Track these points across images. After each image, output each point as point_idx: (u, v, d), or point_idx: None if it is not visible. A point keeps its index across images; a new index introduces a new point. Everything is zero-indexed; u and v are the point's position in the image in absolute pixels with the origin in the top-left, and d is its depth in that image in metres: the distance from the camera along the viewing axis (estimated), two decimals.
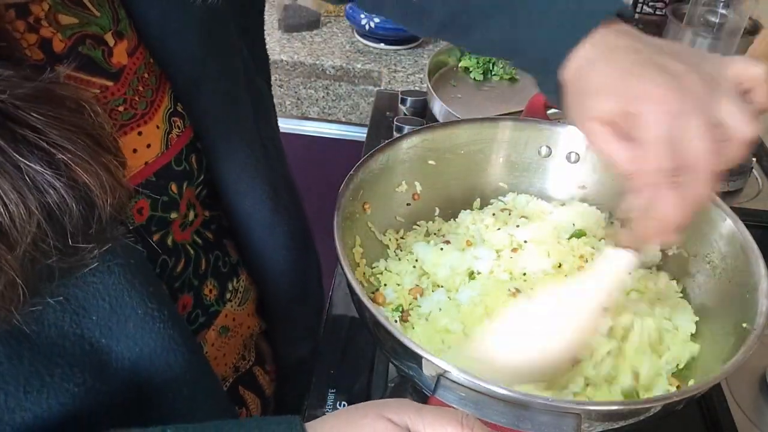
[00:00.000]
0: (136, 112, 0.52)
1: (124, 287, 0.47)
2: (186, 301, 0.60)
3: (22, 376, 0.44)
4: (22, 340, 0.43)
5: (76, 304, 0.45)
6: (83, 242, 0.40)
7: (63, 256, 0.40)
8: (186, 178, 0.58)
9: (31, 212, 0.37)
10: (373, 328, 0.59)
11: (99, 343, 0.47)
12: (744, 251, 0.66)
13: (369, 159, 0.73)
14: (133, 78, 0.52)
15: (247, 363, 0.72)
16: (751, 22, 1.34)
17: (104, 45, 0.49)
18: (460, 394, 0.52)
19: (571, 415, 0.51)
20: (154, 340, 0.50)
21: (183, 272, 0.59)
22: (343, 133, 1.53)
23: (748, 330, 0.60)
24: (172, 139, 0.55)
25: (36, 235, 0.37)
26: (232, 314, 0.66)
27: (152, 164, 0.54)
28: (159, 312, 0.50)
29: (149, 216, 0.54)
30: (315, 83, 1.47)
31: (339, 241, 0.63)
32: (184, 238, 0.59)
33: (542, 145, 0.82)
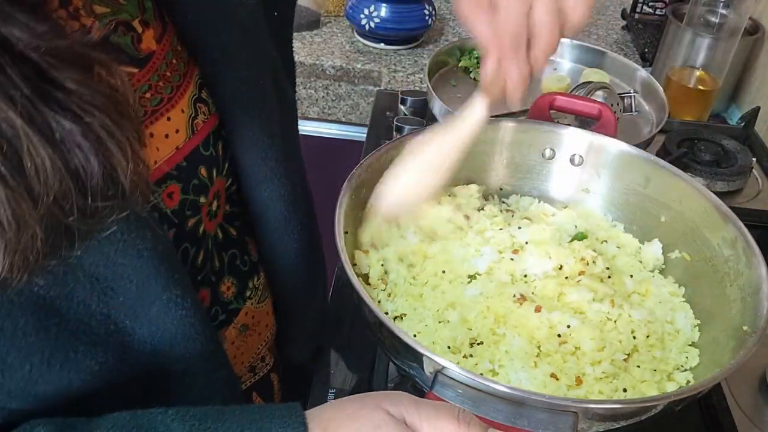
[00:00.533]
0: (162, 96, 0.53)
1: (151, 272, 0.48)
2: (203, 296, 0.60)
3: (48, 349, 0.45)
4: (51, 314, 0.44)
5: (105, 284, 0.46)
6: (103, 204, 0.41)
7: (83, 217, 0.41)
8: (213, 164, 0.58)
9: (57, 169, 0.38)
10: (372, 325, 0.59)
11: (123, 324, 0.48)
12: (746, 254, 0.66)
13: (372, 157, 0.73)
14: (162, 63, 0.53)
15: (265, 366, 0.72)
16: (751, 22, 1.34)
17: (133, 31, 0.51)
18: (457, 391, 0.52)
19: (568, 414, 0.51)
20: (176, 327, 0.51)
21: (204, 265, 0.60)
22: (343, 133, 1.52)
23: (749, 333, 0.60)
24: (198, 125, 0.56)
25: (59, 191, 0.38)
26: (252, 312, 0.67)
27: (182, 148, 0.55)
28: (182, 299, 0.50)
29: (181, 199, 0.55)
30: (315, 83, 1.47)
31: (339, 237, 0.63)
32: (209, 229, 0.60)
33: (546, 147, 0.82)
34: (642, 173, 0.78)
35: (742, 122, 1.26)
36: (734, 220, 0.69)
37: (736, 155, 1.16)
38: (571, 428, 0.51)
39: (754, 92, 1.36)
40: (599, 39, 1.60)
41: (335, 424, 0.45)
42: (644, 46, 1.51)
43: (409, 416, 0.45)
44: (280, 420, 0.45)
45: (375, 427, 0.44)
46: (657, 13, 1.63)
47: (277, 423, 0.45)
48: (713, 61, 1.30)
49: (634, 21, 1.62)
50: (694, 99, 1.33)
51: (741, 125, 1.26)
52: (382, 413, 0.44)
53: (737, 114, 1.36)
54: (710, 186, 1.08)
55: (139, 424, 0.44)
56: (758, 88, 1.35)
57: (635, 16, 1.63)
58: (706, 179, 1.10)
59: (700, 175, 1.10)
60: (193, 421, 0.45)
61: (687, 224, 0.74)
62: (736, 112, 1.39)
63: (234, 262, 0.64)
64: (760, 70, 1.35)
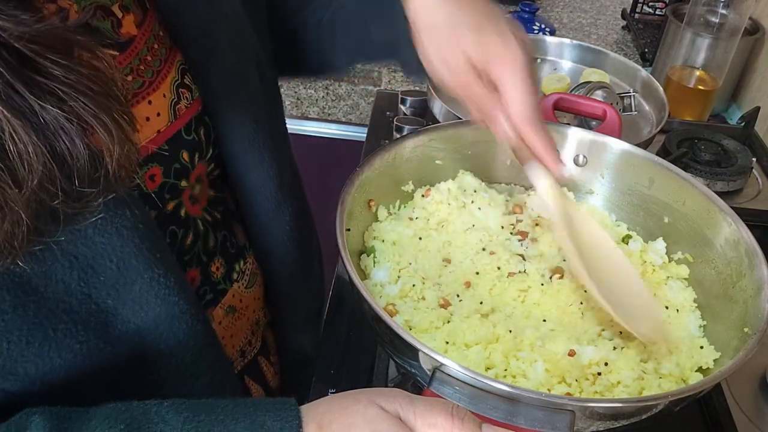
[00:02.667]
0: (144, 80, 0.53)
1: (132, 251, 0.48)
2: (193, 276, 0.61)
3: (26, 326, 0.45)
4: (29, 291, 0.44)
5: (84, 263, 0.46)
6: (89, 187, 0.41)
7: (68, 200, 0.41)
8: (196, 149, 0.58)
9: (41, 153, 0.38)
10: (372, 322, 0.59)
11: (105, 303, 0.48)
12: (748, 256, 0.66)
13: (374, 156, 0.73)
14: (143, 48, 0.53)
15: (252, 349, 0.72)
16: (751, 22, 1.34)
17: (112, 16, 0.50)
18: (455, 388, 0.52)
19: (565, 412, 0.51)
20: (159, 306, 0.51)
21: (193, 246, 0.60)
22: (343, 133, 1.52)
23: (750, 334, 0.60)
24: (180, 110, 0.56)
25: (43, 175, 0.38)
26: (239, 295, 0.67)
27: (164, 132, 0.55)
28: (165, 278, 0.50)
29: (162, 183, 0.55)
30: (315, 83, 1.47)
31: (340, 235, 0.63)
32: (196, 212, 0.60)
33: None
34: (646, 174, 0.77)
35: (742, 122, 1.26)
36: (737, 223, 0.69)
37: (736, 155, 1.16)
38: (568, 427, 0.51)
39: (754, 92, 1.36)
40: (599, 39, 1.60)
41: (329, 418, 0.45)
42: (644, 46, 1.51)
43: (403, 412, 0.45)
44: (274, 413, 0.45)
45: (369, 422, 0.44)
46: (657, 13, 1.63)
47: (271, 416, 0.45)
48: (713, 61, 1.30)
49: (634, 21, 1.62)
50: (694, 99, 1.33)
51: (741, 125, 1.26)
52: (376, 409, 0.44)
53: (737, 114, 1.36)
54: (710, 186, 1.08)
55: (134, 416, 0.44)
56: (758, 87, 1.35)
57: (635, 16, 1.63)
58: (706, 179, 1.10)
59: (700, 175, 1.10)
60: (187, 412, 0.45)
61: (690, 225, 0.74)
62: (736, 112, 1.39)
63: (225, 243, 0.64)
64: (760, 70, 1.35)
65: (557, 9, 1.73)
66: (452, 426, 0.44)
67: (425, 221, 0.76)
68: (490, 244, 0.73)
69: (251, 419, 0.45)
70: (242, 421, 0.45)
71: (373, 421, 0.44)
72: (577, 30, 1.63)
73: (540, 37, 1.38)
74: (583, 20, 1.68)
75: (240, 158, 0.61)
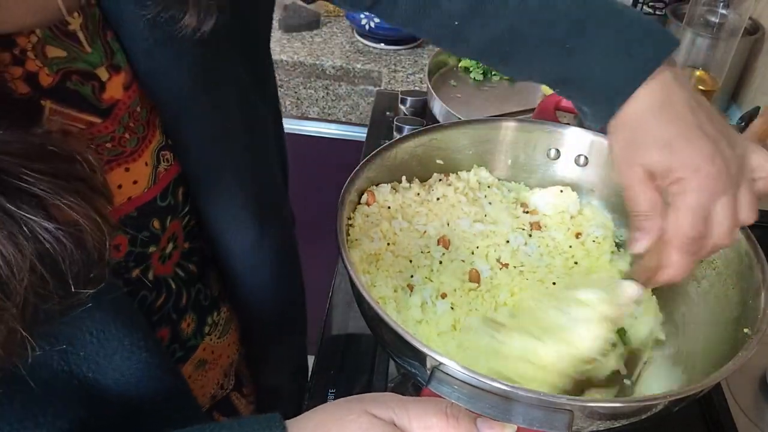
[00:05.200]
0: (124, 149, 0.51)
1: (111, 320, 0.47)
2: (162, 335, 0.60)
3: (15, 418, 0.44)
4: (14, 382, 0.43)
5: (65, 341, 0.45)
6: (83, 285, 0.40)
7: (62, 300, 0.40)
8: (170, 212, 0.57)
9: (27, 260, 0.36)
10: (371, 321, 0.59)
11: (86, 377, 0.47)
12: (748, 257, 0.66)
13: (375, 156, 0.73)
14: (125, 114, 0.50)
15: (225, 391, 0.72)
16: (751, 22, 1.34)
17: (95, 80, 0.48)
18: (454, 387, 0.52)
19: (564, 412, 0.51)
20: (141, 370, 0.50)
21: (163, 306, 0.59)
22: (343, 133, 1.53)
23: (749, 335, 0.60)
24: (160, 174, 0.55)
25: (34, 282, 0.37)
26: (210, 347, 0.66)
27: (135, 200, 0.53)
28: (144, 341, 0.50)
29: (127, 251, 0.54)
30: (315, 83, 1.47)
31: (341, 235, 0.63)
32: (166, 271, 0.58)
33: (551, 147, 0.82)
34: None
35: (742, 122, 1.26)
36: None
37: None
38: (566, 426, 0.51)
39: (754, 92, 1.36)
40: None
41: (321, 430, 0.44)
42: None
43: (397, 418, 0.44)
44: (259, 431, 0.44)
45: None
46: (657, 13, 1.63)
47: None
48: (713, 61, 1.29)
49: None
50: None
51: (741, 125, 1.26)
52: (369, 417, 0.43)
53: (737, 114, 1.36)
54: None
55: None
56: (758, 88, 1.35)
57: None
58: None
59: None
60: None
61: None
62: (736, 112, 1.39)
63: (198, 297, 0.63)
64: (760, 70, 1.35)
65: None
66: (447, 425, 0.43)
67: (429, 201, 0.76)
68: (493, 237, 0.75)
69: None
70: None
71: (368, 430, 0.43)
72: None
73: None
74: None
75: (214, 216, 0.59)
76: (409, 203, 0.73)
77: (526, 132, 0.81)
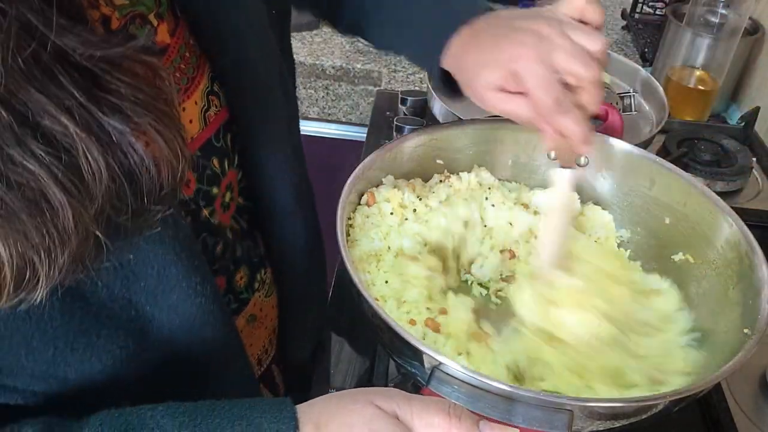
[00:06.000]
0: (179, 87, 0.53)
1: (172, 258, 0.48)
2: (219, 283, 0.61)
3: (72, 333, 0.45)
4: (76, 297, 0.44)
5: (128, 269, 0.47)
6: (153, 204, 0.42)
7: (133, 215, 0.41)
8: (225, 155, 0.59)
9: (113, 170, 0.38)
10: (371, 321, 0.59)
11: (144, 309, 0.49)
12: (748, 257, 0.66)
13: (375, 156, 0.73)
14: (176, 56, 0.53)
15: (268, 357, 0.72)
16: (751, 22, 1.34)
17: (149, 24, 0.51)
18: (453, 387, 0.52)
19: (564, 411, 0.51)
20: (194, 314, 0.51)
21: (222, 255, 0.60)
22: (343, 133, 1.53)
23: (749, 335, 0.60)
24: (210, 117, 0.57)
25: (114, 192, 0.39)
26: (260, 304, 0.67)
27: (196, 140, 0.55)
28: (202, 286, 0.51)
29: (196, 189, 0.56)
30: (315, 83, 1.47)
31: (341, 233, 0.63)
32: (225, 221, 0.60)
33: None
34: (647, 175, 0.77)
35: (742, 122, 1.26)
36: (738, 224, 0.69)
37: (736, 155, 1.16)
38: (566, 426, 0.51)
39: (754, 92, 1.36)
40: None
41: (327, 417, 0.45)
42: (644, 46, 1.51)
43: (401, 411, 0.45)
44: (270, 414, 0.45)
45: (366, 422, 0.44)
46: (657, 13, 1.63)
47: (267, 418, 0.45)
48: (713, 61, 1.30)
49: (634, 21, 1.62)
50: (694, 99, 1.33)
51: (741, 125, 1.26)
52: (374, 408, 0.44)
53: (737, 114, 1.36)
54: (710, 186, 1.07)
55: (129, 422, 0.44)
56: (758, 88, 1.35)
57: (635, 16, 1.63)
58: (706, 179, 1.10)
59: (700, 175, 1.10)
60: (183, 417, 0.45)
61: (691, 226, 0.74)
62: (736, 112, 1.39)
63: (249, 252, 0.65)
64: (760, 70, 1.35)
65: None
66: (449, 425, 0.44)
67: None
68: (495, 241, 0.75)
69: (247, 421, 0.45)
70: (238, 424, 0.45)
71: (371, 420, 0.44)
72: None
73: None
74: None
75: (263, 168, 0.62)
76: (409, 204, 0.73)
77: (527, 132, 0.81)
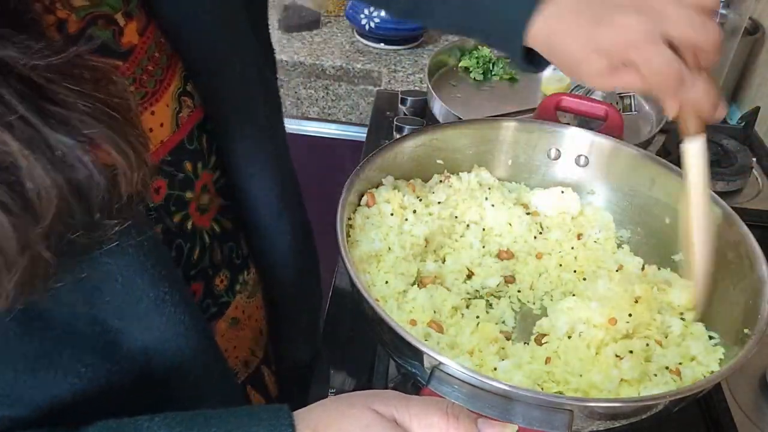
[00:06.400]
0: (146, 90, 0.52)
1: (137, 269, 0.47)
2: (196, 289, 0.60)
3: (32, 354, 0.44)
4: (34, 319, 0.43)
5: (90, 285, 0.45)
6: (108, 218, 0.40)
7: (87, 231, 0.40)
8: (199, 157, 0.58)
9: (59, 187, 0.36)
10: (371, 322, 0.59)
11: (110, 324, 0.47)
12: (748, 256, 0.66)
13: (375, 156, 0.73)
14: (144, 57, 0.52)
15: (256, 359, 0.72)
16: (751, 22, 1.34)
17: (114, 25, 0.49)
18: (453, 387, 0.52)
19: (564, 411, 0.51)
20: (165, 324, 0.50)
21: (200, 260, 0.59)
22: (343, 133, 1.53)
23: (749, 335, 0.60)
24: (182, 119, 0.56)
25: (62, 209, 0.37)
26: (242, 306, 0.67)
27: (167, 143, 0.54)
28: (170, 296, 0.50)
29: (167, 194, 0.55)
30: (315, 83, 1.47)
31: (341, 233, 0.63)
32: (203, 224, 0.59)
33: (551, 147, 0.82)
34: (647, 175, 0.77)
35: (742, 122, 1.26)
36: (738, 224, 0.69)
37: (736, 155, 1.16)
38: (566, 426, 0.51)
39: (754, 92, 1.36)
40: None
41: (324, 424, 0.45)
42: None
43: (399, 414, 0.44)
44: (267, 423, 0.44)
45: (364, 427, 0.44)
46: None
47: (264, 426, 0.44)
48: None
49: None
50: None
51: (741, 125, 1.26)
52: (371, 413, 0.44)
53: (737, 114, 1.36)
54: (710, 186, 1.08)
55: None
56: (758, 88, 1.35)
57: None
58: None
59: None
60: (180, 427, 0.44)
61: None
62: (736, 112, 1.39)
63: (231, 254, 0.64)
64: (760, 70, 1.35)
65: None
66: (448, 425, 0.44)
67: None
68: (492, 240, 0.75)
69: (244, 431, 0.44)
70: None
71: (369, 425, 0.44)
72: None
73: None
74: None
75: (242, 166, 0.61)
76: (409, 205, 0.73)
77: (527, 132, 0.81)
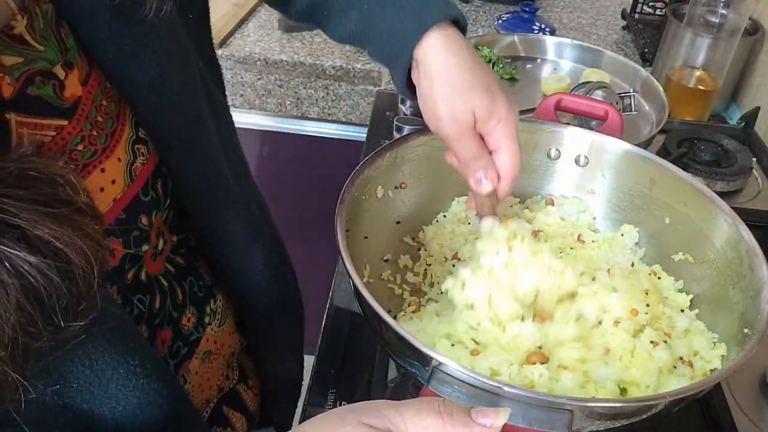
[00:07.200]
0: (96, 147, 0.49)
1: (105, 349, 0.46)
2: (165, 336, 0.59)
3: None
4: (5, 423, 0.41)
5: (57, 375, 0.44)
6: (73, 319, 0.38)
7: (53, 335, 0.37)
8: (154, 207, 0.56)
9: (13, 298, 0.34)
10: (371, 321, 0.59)
11: (81, 408, 0.46)
12: (748, 256, 0.66)
13: (375, 156, 0.73)
14: (91, 108, 0.49)
15: (231, 382, 0.71)
16: (751, 22, 1.34)
17: (54, 79, 0.46)
18: (453, 387, 0.52)
19: (564, 411, 0.51)
20: (138, 397, 0.49)
21: (162, 307, 0.58)
22: (343, 133, 1.52)
23: (749, 335, 0.60)
24: (137, 169, 0.53)
25: (22, 320, 0.35)
26: (213, 337, 0.66)
27: (120, 200, 0.51)
28: (141, 367, 0.48)
29: (122, 255, 0.52)
30: (315, 83, 1.47)
31: (341, 234, 0.63)
32: (157, 269, 0.58)
33: (551, 147, 0.82)
34: (647, 175, 0.77)
35: (742, 122, 1.26)
36: (738, 223, 0.69)
37: (736, 155, 1.16)
38: (566, 426, 0.51)
39: (754, 92, 1.36)
40: (599, 39, 1.60)
41: None
42: (644, 46, 1.51)
43: (393, 424, 0.42)
44: None
45: None
46: (657, 13, 1.63)
47: None
48: (713, 61, 1.30)
49: (634, 21, 1.62)
50: (694, 99, 1.33)
51: (741, 125, 1.26)
52: (365, 429, 0.42)
53: (737, 114, 1.36)
54: (710, 186, 1.08)
55: None
56: (758, 88, 1.35)
57: (635, 16, 1.63)
58: (706, 179, 1.10)
59: (700, 175, 1.10)
60: None
61: (691, 226, 0.74)
62: (736, 112, 1.39)
63: (193, 289, 0.63)
64: (760, 70, 1.35)
65: (557, 9, 1.73)
66: (443, 423, 0.42)
67: None
68: None
69: None
70: None
71: None
72: (577, 30, 1.63)
73: (540, 37, 1.38)
74: (583, 20, 1.68)
75: (202, 204, 0.59)
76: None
77: (527, 132, 0.81)
